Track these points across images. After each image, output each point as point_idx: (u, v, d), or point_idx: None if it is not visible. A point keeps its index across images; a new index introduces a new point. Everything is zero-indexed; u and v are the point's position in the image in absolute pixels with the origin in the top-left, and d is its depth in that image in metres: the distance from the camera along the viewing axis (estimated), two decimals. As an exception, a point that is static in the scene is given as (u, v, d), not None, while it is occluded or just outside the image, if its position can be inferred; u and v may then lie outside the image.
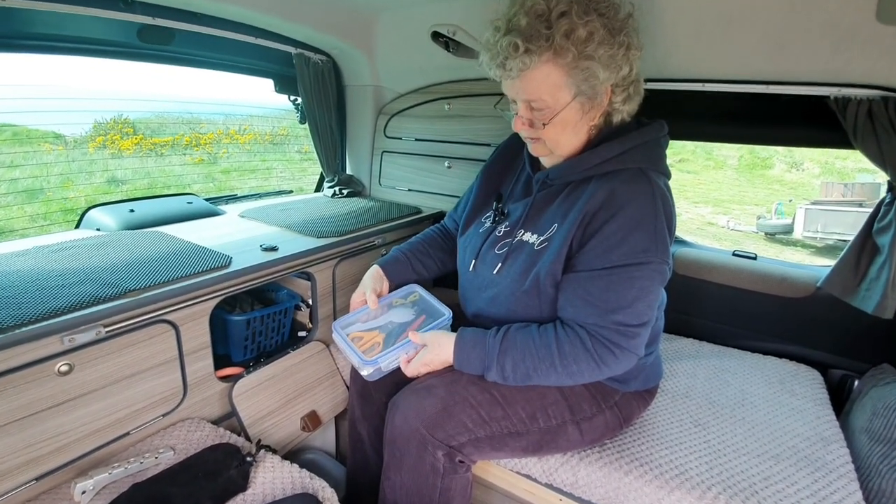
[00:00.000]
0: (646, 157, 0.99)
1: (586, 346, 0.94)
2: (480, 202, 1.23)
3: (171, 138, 5.45)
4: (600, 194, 0.95)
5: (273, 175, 5.79)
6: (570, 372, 0.95)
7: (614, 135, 1.00)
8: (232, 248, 1.34)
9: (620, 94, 0.99)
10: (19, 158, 4.26)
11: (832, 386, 1.48)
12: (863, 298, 1.37)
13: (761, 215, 9.70)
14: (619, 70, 0.94)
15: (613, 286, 0.92)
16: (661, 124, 1.05)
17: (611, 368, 0.96)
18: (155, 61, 1.56)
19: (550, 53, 0.90)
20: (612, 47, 0.91)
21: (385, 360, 1.04)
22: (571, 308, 0.96)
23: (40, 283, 1.02)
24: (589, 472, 1.09)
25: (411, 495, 1.04)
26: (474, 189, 1.27)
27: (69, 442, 0.99)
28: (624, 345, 0.93)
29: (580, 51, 0.90)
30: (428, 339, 1.05)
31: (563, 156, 1.05)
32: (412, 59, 1.83)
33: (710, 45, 1.27)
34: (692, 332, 1.70)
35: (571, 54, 0.90)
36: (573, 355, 0.94)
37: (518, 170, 1.20)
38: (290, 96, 2.01)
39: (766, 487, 1.02)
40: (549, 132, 0.99)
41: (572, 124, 0.98)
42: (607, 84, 0.95)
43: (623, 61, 0.94)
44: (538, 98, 0.95)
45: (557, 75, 0.92)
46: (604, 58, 0.91)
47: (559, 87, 0.93)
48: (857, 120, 1.25)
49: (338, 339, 1.11)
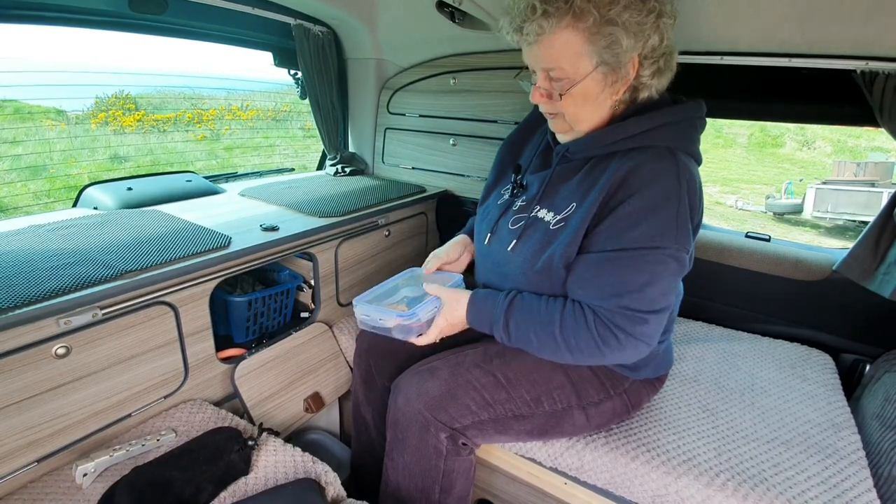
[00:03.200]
0: (677, 137, 0.92)
1: (588, 325, 0.90)
2: (500, 173, 1.19)
3: (174, 114, 5.37)
4: (621, 172, 0.88)
5: (276, 152, 5.73)
6: (570, 346, 0.92)
7: (644, 109, 0.93)
8: (232, 228, 1.31)
9: (649, 66, 0.90)
10: (21, 135, 4.22)
11: (843, 370, 1.46)
12: (881, 283, 1.33)
13: (770, 195, 9.55)
14: (648, 39, 0.87)
15: (623, 269, 0.88)
16: (700, 104, 0.97)
17: (613, 352, 0.91)
18: (148, 32, 1.50)
19: (570, 17, 0.84)
20: (641, 13, 0.84)
21: (423, 310, 1.00)
22: (580, 290, 0.93)
23: (35, 263, 1.00)
24: (595, 457, 1.08)
25: (414, 477, 1.04)
26: (496, 160, 1.23)
27: (69, 424, 0.98)
28: (629, 330, 0.89)
29: (602, 14, 0.83)
30: (445, 295, 1.03)
31: (582, 132, 0.98)
32: (416, 31, 1.76)
33: (733, 15, 1.20)
34: (702, 315, 1.66)
35: (592, 18, 0.83)
36: (573, 329, 0.91)
37: (539, 140, 1.14)
38: (289, 70, 1.95)
39: (776, 475, 1.00)
40: (568, 105, 0.93)
41: (593, 97, 0.91)
42: (633, 54, 0.88)
43: (652, 30, 0.86)
44: (557, 66, 0.89)
45: (577, 41, 0.86)
46: (630, 23, 0.84)
47: (579, 55, 0.87)
48: (885, 95, 1.19)
49: (363, 309, 1.03)
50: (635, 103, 0.95)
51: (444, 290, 1.04)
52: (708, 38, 1.31)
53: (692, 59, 1.38)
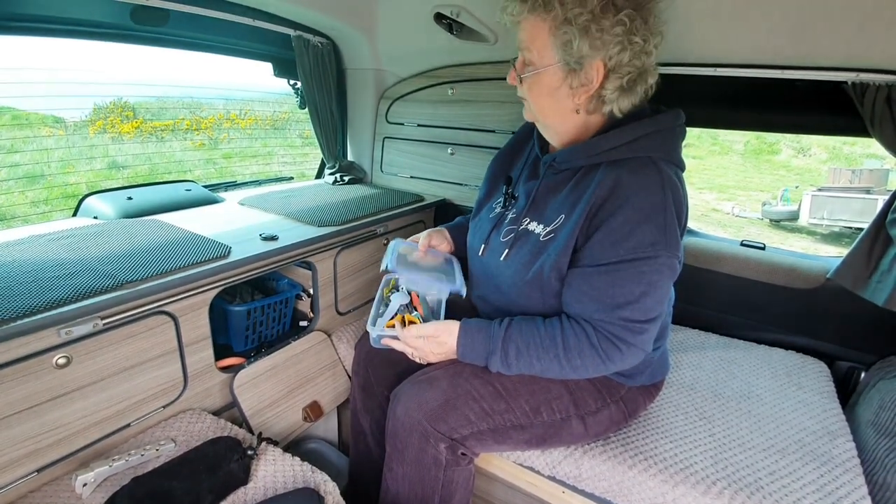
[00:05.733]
0: (658, 147, 0.94)
1: (591, 342, 0.92)
2: (492, 186, 1.22)
3: (172, 122, 5.39)
4: (607, 183, 0.91)
5: (274, 160, 5.74)
6: (574, 366, 0.94)
7: (626, 121, 0.96)
8: (231, 238, 1.32)
9: (615, 81, 0.90)
10: (19, 143, 4.22)
11: (838, 377, 1.47)
12: (874, 291, 1.34)
13: (766, 201, 9.61)
14: (611, 52, 0.88)
15: (620, 281, 0.89)
16: (678, 113, 1.00)
17: (616, 364, 0.94)
18: (150, 44, 1.52)
19: (540, 7, 0.89)
20: (606, 23, 0.86)
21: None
22: (577, 304, 0.94)
23: (36, 273, 1.00)
24: (593, 466, 1.08)
25: (414, 487, 1.04)
26: (487, 173, 1.25)
27: (69, 434, 0.98)
28: (630, 340, 0.91)
29: (564, 12, 0.87)
30: (432, 329, 1.02)
31: (553, 129, 1.03)
32: (414, 42, 1.78)
33: (726, 27, 1.22)
34: (698, 322, 1.68)
35: (554, 13, 0.88)
36: (578, 349, 0.92)
37: (528, 152, 1.17)
38: (289, 80, 1.96)
39: (772, 482, 1.01)
40: (530, 91, 0.98)
41: (552, 90, 0.95)
42: (593, 61, 0.89)
43: (616, 45, 0.87)
44: (527, 48, 0.95)
45: (543, 31, 0.91)
46: (590, 30, 0.86)
47: (545, 45, 0.92)
48: (875, 106, 1.21)
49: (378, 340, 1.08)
50: (611, 117, 0.97)
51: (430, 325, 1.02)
52: (702, 50, 1.33)
53: (687, 70, 1.40)
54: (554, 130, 1.03)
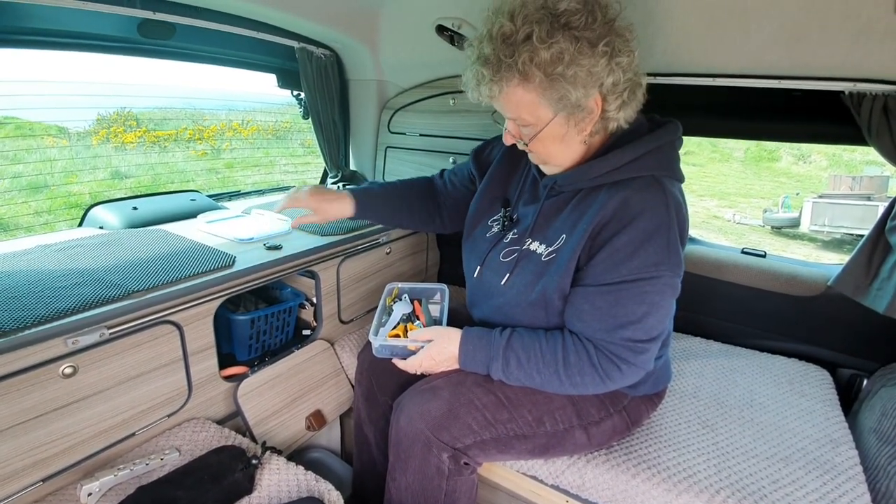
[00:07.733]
0: (659, 163, 0.94)
1: (592, 361, 0.93)
2: (485, 205, 1.19)
3: (175, 131, 5.43)
4: (611, 204, 0.90)
5: (276, 169, 5.77)
6: (574, 382, 0.95)
7: (625, 140, 0.95)
8: (235, 247, 1.33)
9: (614, 101, 0.90)
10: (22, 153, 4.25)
11: (840, 385, 1.47)
12: (874, 298, 1.35)
13: (767, 208, 9.62)
14: (603, 81, 0.87)
15: (622, 301, 0.90)
16: (676, 126, 0.99)
17: (615, 383, 0.95)
18: (156, 56, 1.54)
19: (518, 78, 0.86)
20: (590, 61, 0.84)
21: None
22: (579, 322, 0.95)
23: (43, 283, 1.02)
24: (596, 475, 1.08)
25: (416, 496, 1.04)
26: (479, 191, 1.22)
27: (75, 443, 0.99)
28: (632, 360, 0.92)
29: (547, 73, 0.84)
30: (433, 333, 1.04)
31: (561, 166, 1.00)
32: (416, 54, 1.81)
33: (723, 38, 1.24)
34: (700, 330, 1.68)
35: (538, 78, 0.85)
36: (578, 367, 0.93)
37: (523, 173, 1.16)
38: (293, 91, 1.99)
39: (775, 491, 1.01)
40: (537, 146, 0.96)
41: (559, 137, 0.93)
42: (590, 98, 0.88)
43: (606, 72, 0.86)
44: (518, 117, 0.92)
45: (531, 97, 0.88)
46: (578, 76, 0.84)
47: (537, 106, 0.89)
48: (872, 116, 1.22)
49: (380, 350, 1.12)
50: (613, 135, 0.97)
51: (431, 329, 1.05)
52: (701, 61, 1.35)
53: (686, 80, 1.41)
54: (560, 166, 1.01)
